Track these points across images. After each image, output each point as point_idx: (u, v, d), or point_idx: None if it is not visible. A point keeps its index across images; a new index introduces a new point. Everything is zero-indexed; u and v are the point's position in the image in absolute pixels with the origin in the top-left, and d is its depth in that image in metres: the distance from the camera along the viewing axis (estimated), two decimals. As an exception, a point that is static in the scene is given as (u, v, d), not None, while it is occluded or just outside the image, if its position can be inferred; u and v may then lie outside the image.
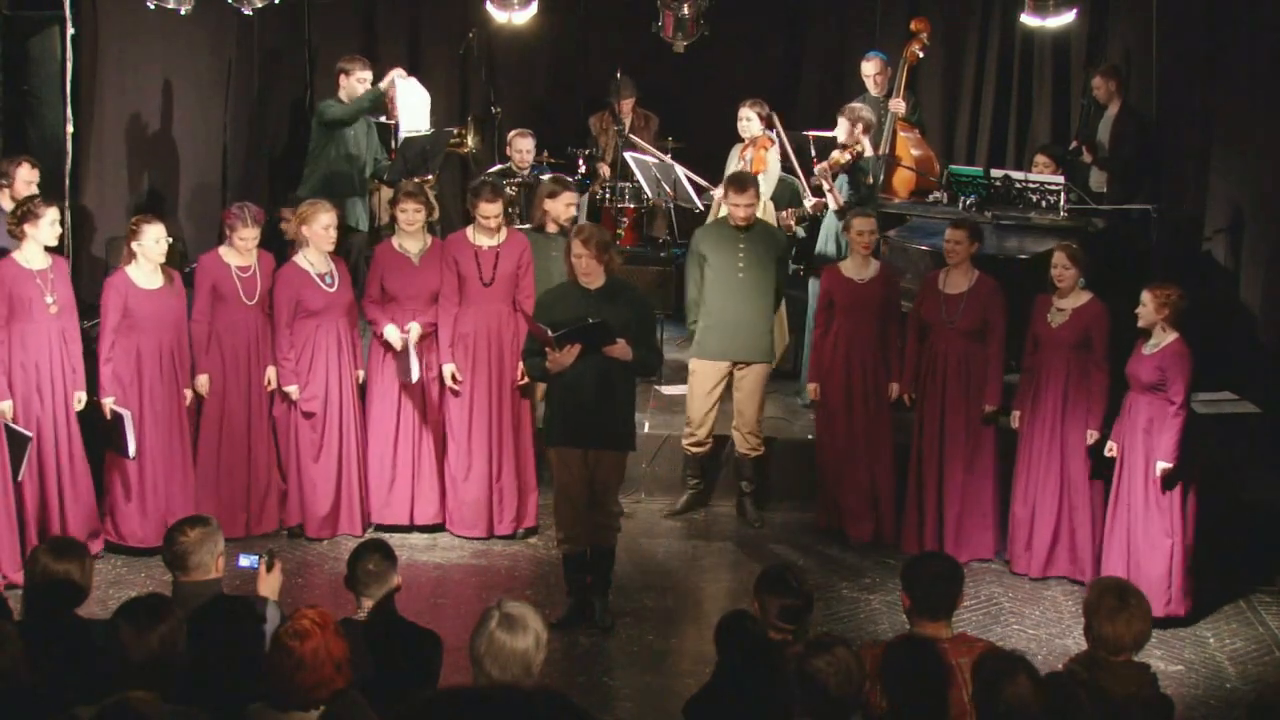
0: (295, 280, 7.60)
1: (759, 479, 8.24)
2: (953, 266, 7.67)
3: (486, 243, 7.70)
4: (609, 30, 11.22)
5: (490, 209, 7.61)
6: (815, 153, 9.24)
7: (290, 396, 7.65)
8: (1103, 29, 10.80)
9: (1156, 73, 9.73)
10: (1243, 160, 9.18)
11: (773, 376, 8.31)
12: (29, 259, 7.11)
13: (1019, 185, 9.00)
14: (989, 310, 7.60)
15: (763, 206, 8.50)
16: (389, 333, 7.67)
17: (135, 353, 7.32)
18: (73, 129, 8.87)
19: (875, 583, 7.48)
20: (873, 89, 9.85)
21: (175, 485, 7.50)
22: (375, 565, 4.80)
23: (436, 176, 10.13)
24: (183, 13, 8.63)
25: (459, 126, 10.96)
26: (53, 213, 7.16)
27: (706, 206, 9.71)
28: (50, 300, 7.13)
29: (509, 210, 8.68)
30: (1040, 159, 9.53)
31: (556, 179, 8.70)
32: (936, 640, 4.36)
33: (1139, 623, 4.37)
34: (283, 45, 11.24)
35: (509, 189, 9.47)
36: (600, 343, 6.55)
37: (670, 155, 9.90)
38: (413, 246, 7.79)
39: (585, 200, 9.89)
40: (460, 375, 7.71)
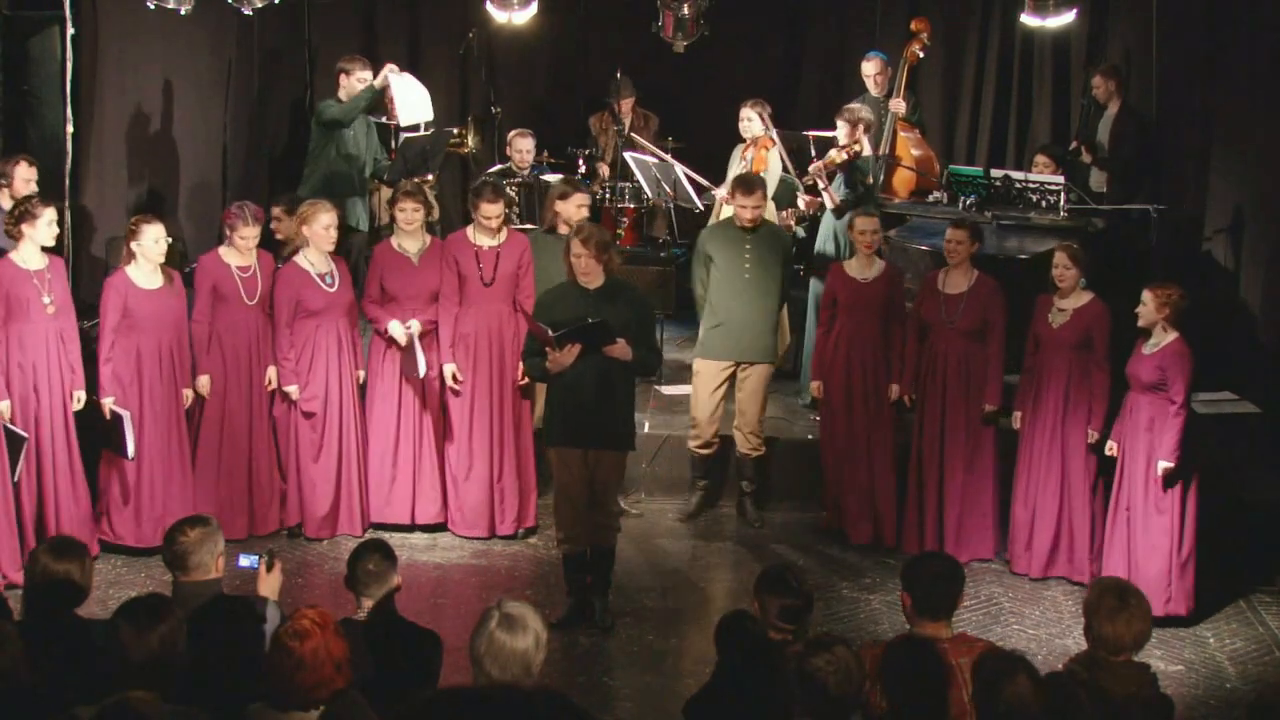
0: (295, 280, 7.59)
1: (760, 479, 8.24)
2: (953, 266, 7.67)
3: (487, 243, 7.70)
4: (609, 30, 11.23)
5: (492, 209, 7.61)
6: (815, 152, 9.24)
7: (290, 396, 7.65)
8: (1103, 29, 10.80)
9: (1156, 73, 9.74)
10: (1243, 160, 9.18)
11: (773, 376, 8.30)
12: (26, 259, 7.10)
13: (1019, 185, 9.01)
14: (989, 310, 7.60)
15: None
16: (393, 328, 7.66)
17: (135, 353, 7.32)
18: (73, 129, 8.88)
19: (875, 583, 7.48)
20: (873, 89, 9.85)
21: (173, 486, 7.49)
22: (375, 565, 4.80)
23: (436, 176, 10.14)
24: (183, 13, 8.63)
25: (459, 126, 10.97)
26: (50, 213, 7.15)
27: (707, 206, 9.71)
28: (48, 300, 7.12)
29: (508, 210, 8.67)
30: (1040, 159, 9.53)
31: (568, 180, 8.69)
32: (936, 640, 4.36)
33: (1139, 623, 4.37)
34: (283, 45, 11.24)
35: (509, 189, 9.47)
36: (600, 342, 6.55)
37: (670, 155, 9.89)
38: (412, 246, 7.79)
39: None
40: (461, 375, 7.72)
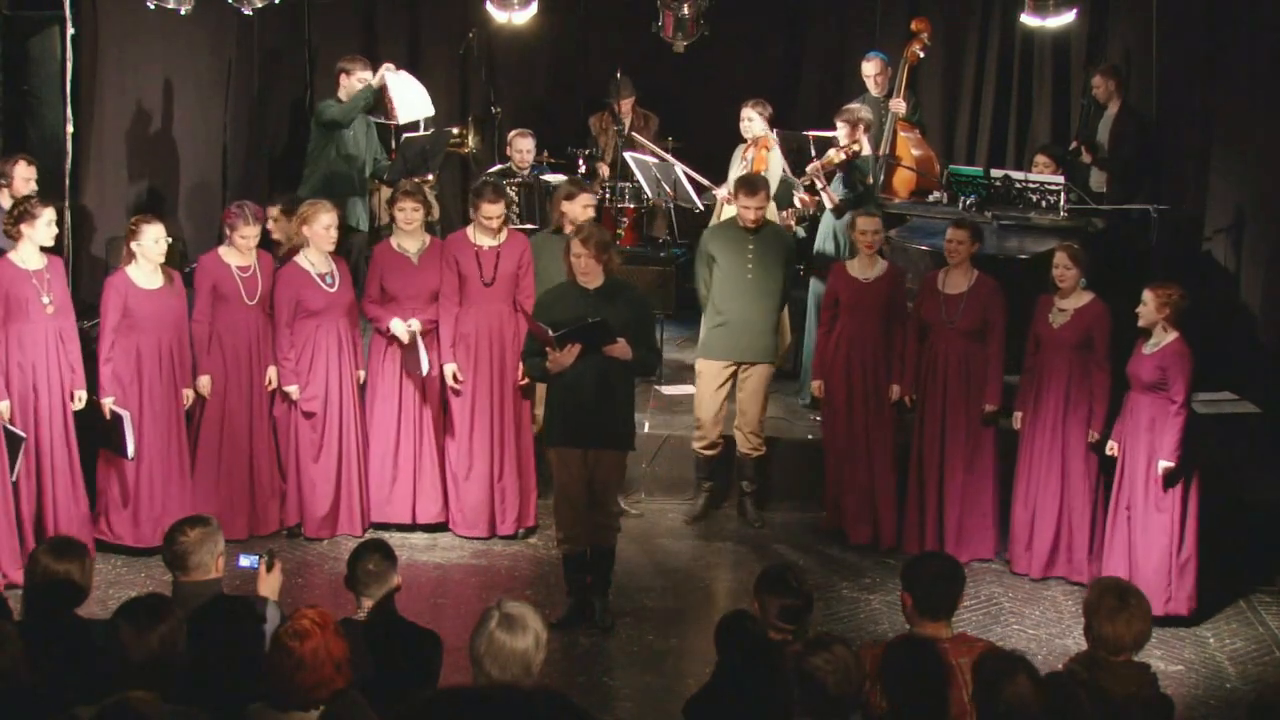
0: (296, 280, 7.59)
1: (760, 479, 8.24)
2: (953, 266, 7.67)
3: (487, 243, 7.70)
4: (609, 30, 11.22)
5: (493, 210, 7.61)
6: (815, 152, 9.24)
7: (290, 396, 7.65)
8: (1103, 29, 10.80)
9: (1156, 73, 9.73)
10: (1243, 160, 9.18)
11: (774, 376, 8.29)
12: (24, 259, 7.10)
13: (1019, 185, 9.01)
14: (989, 310, 7.60)
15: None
16: (395, 326, 7.65)
17: (135, 353, 7.32)
18: (73, 129, 8.88)
19: (875, 583, 7.48)
20: (873, 89, 9.85)
21: (172, 486, 7.48)
22: (375, 565, 4.80)
23: (437, 176, 10.14)
24: (183, 13, 8.63)
25: (459, 126, 10.97)
26: (50, 213, 7.15)
27: (707, 206, 9.70)
28: (46, 300, 7.12)
29: (509, 210, 8.67)
30: (1040, 159, 9.53)
31: (574, 180, 8.69)
32: (936, 640, 4.36)
33: (1139, 623, 4.37)
34: (283, 45, 11.24)
35: (509, 189, 9.47)
36: (600, 342, 6.55)
37: (671, 155, 9.88)
38: (411, 246, 7.79)
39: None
40: (461, 375, 7.72)
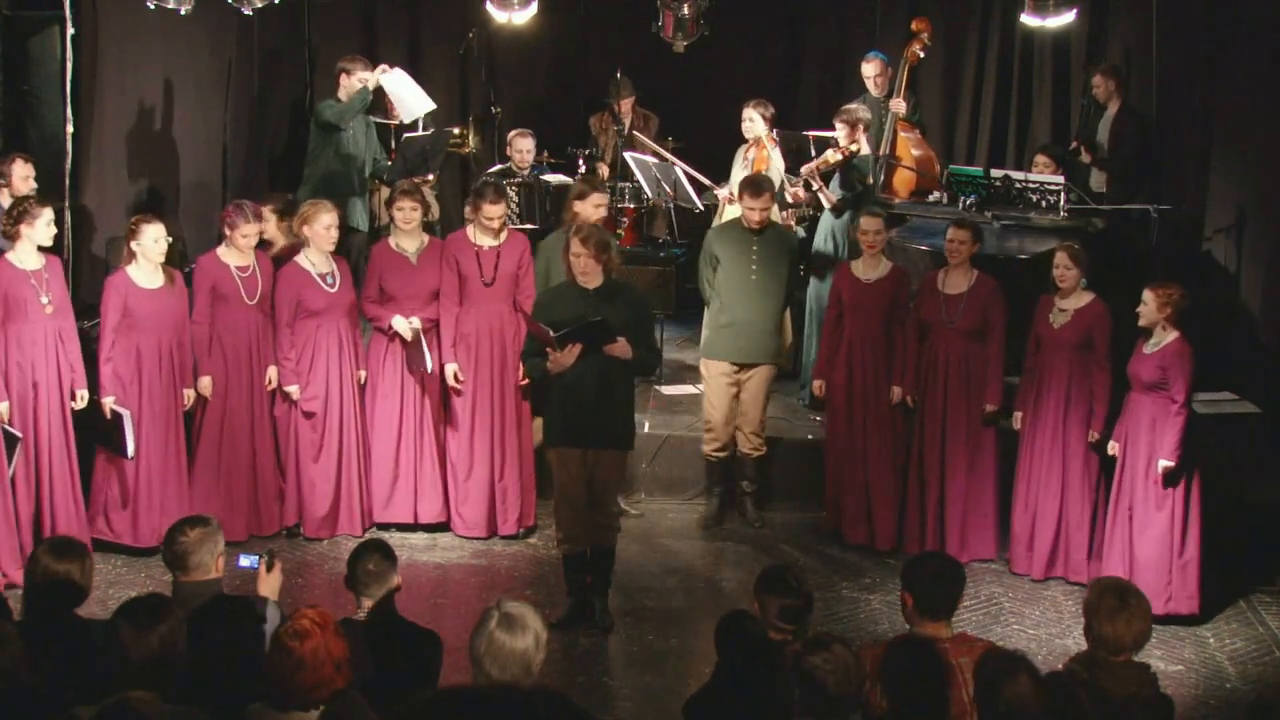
0: (296, 280, 7.59)
1: (760, 479, 8.24)
2: (953, 266, 7.67)
3: (488, 243, 7.69)
4: (609, 30, 11.21)
5: (494, 210, 7.61)
6: (815, 152, 9.23)
7: (291, 396, 7.65)
8: (1103, 29, 10.79)
9: (1156, 73, 9.73)
10: (1243, 160, 9.18)
11: (775, 377, 8.29)
12: (23, 259, 7.09)
13: (1019, 185, 9.01)
14: (989, 310, 7.59)
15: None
16: (397, 323, 7.65)
17: (135, 352, 7.31)
18: (73, 129, 8.87)
19: (875, 583, 7.48)
20: (873, 89, 9.85)
21: (170, 486, 7.49)
22: (375, 565, 4.80)
23: (437, 176, 10.13)
24: (183, 13, 8.63)
25: (460, 126, 10.96)
26: (48, 213, 7.16)
27: (707, 206, 9.70)
28: (45, 300, 7.12)
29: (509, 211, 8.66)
30: (1040, 159, 9.52)
31: (585, 180, 8.68)
32: (937, 640, 4.36)
33: (1139, 623, 4.37)
34: (283, 45, 11.24)
35: (509, 189, 9.46)
36: (601, 341, 6.54)
37: (672, 155, 9.88)
38: (410, 245, 7.78)
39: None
40: (462, 375, 7.71)
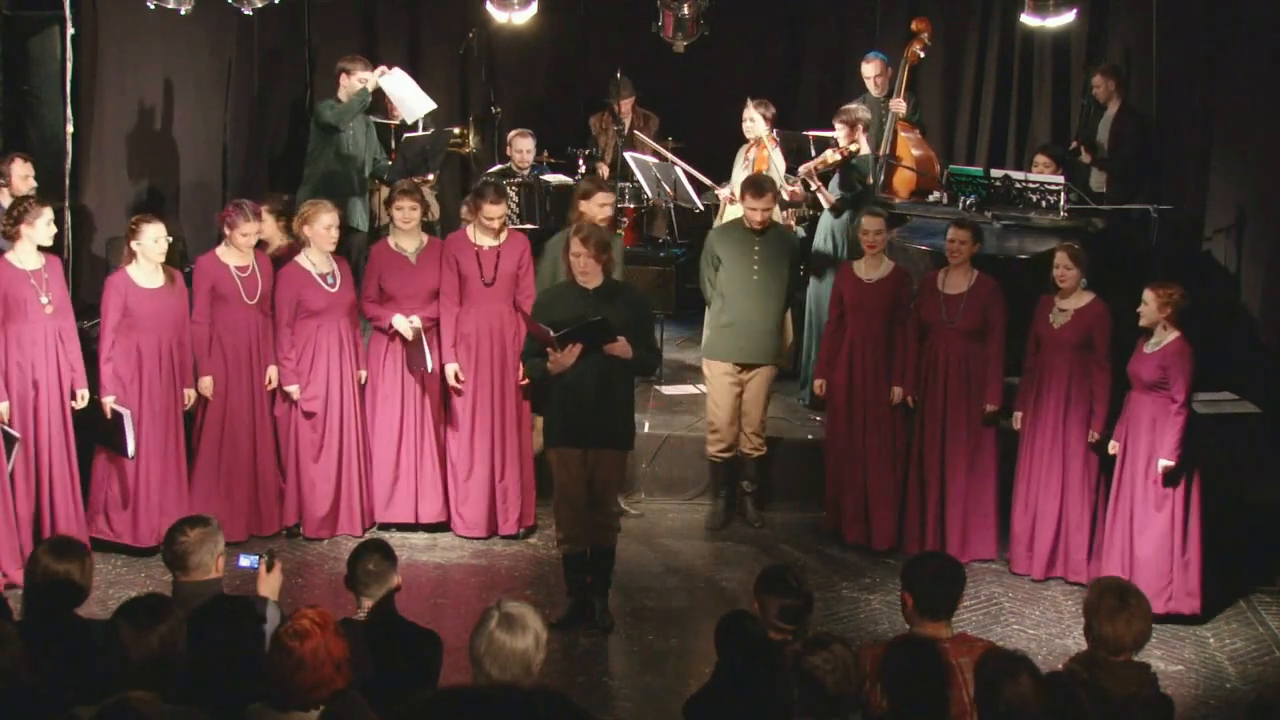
0: (297, 280, 7.59)
1: (760, 479, 8.23)
2: (953, 266, 7.66)
3: (488, 243, 7.69)
4: (609, 30, 11.21)
5: (494, 210, 7.60)
6: (815, 152, 9.23)
7: (291, 396, 7.65)
8: (1103, 29, 10.79)
9: (1156, 73, 9.73)
10: (1243, 160, 9.18)
11: (775, 377, 8.29)
12: (22, 259, 7.10)
13: (1019, 185, 9.00)
14: (989, 310, 7.59)
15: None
16: (398, 322, 7.65)
17: (135, 352, 7.32)
18: (73, 129, 8.88)
19: (875, 583, 7.48)
20: (873, 90, 9.84)
21: (170, 486, 7.49)
22: (375, 565, 4.80)
23: (437, 176, 10.13)
24: (183, 13, 8.63)
25: (460, 126, 10.96)
26: (49, 213, 7.16)
27: (707, 206, 9.70)
28: (45, 300, 7.12)
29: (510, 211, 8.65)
30: (1040, 159, 9.51)
31: (592, 179, 8.67)
32: (937, 640, 4.36)
33: (1139, 623, 4.37)
34: (283, 45, 11.24)
35: (509, 189, 9.46)
36: (601, 341, 6.54)
37: (673, 155, 9.87)
38: (409, 245, 7.78)
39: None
40: (463, 375, 7.71)
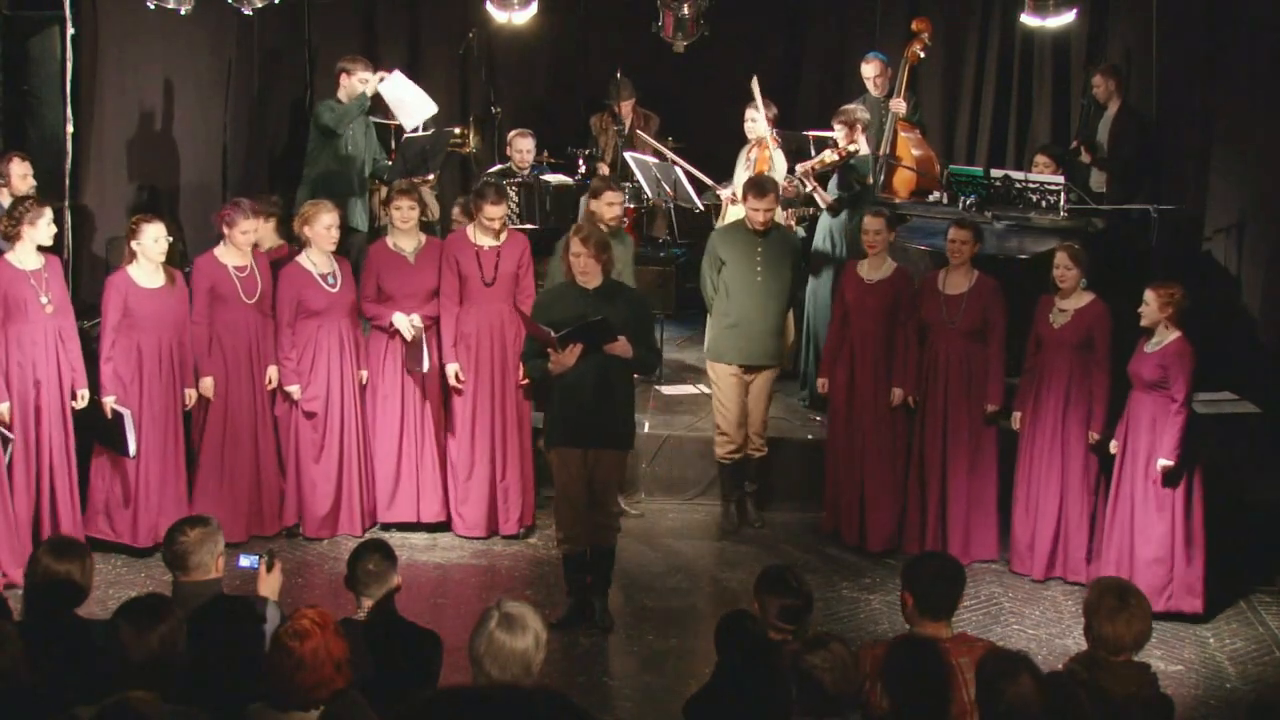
0: (297, 280, 7.59)
1: (760, 479, 8.23)
2: (954, 267, 7.66)
3: (488, 243, 7.69)
4: (609, 30, 11.22)
5: (495, 211, 7.60)
6: (814, 152, 9.23)
7: (292, 396, 7.65)
8: (1103, 29, 10.79)
9: (1156, 73, 9.73)
10: (1243, 160, 9.18)
11: (776, 377, 8.28)
12: (22, 259, 7.10)
13: (1019, 185, 9.00)
14: (989, 310, 7.59)
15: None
16: (399, 321, 7.65)
17: (135, 351, 7.31)
18: (73, 129, 8.88)
19: (875, 583, 7.48)
20: (873, 90, 9.84)
21: (169, 485, 7.49)
22: (375, 565, 4.80)
23: (437, 176, 10.13)
24: (183, 13, 8.63)
25: (460, 126, 10.95)
26: (49, 213, 7.18)
27: (707, 206, 9.69)
28: (45, 300, 7.12)
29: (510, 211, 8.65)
30: (1040, 159, 9.51)
31: (601, 178, 8.67)
32: (938, 640, 4.36)
33: (1139, 623, 4.37)
34: (283, 45, 11.23)
35: (509, 189, 9.46)
36: (602, 340, 6.54)
37: (673, 155, 9.87)
38: (407, 245, 7.78)
39: (585, 200, 9.86)
40: (463, 375, 7.71)
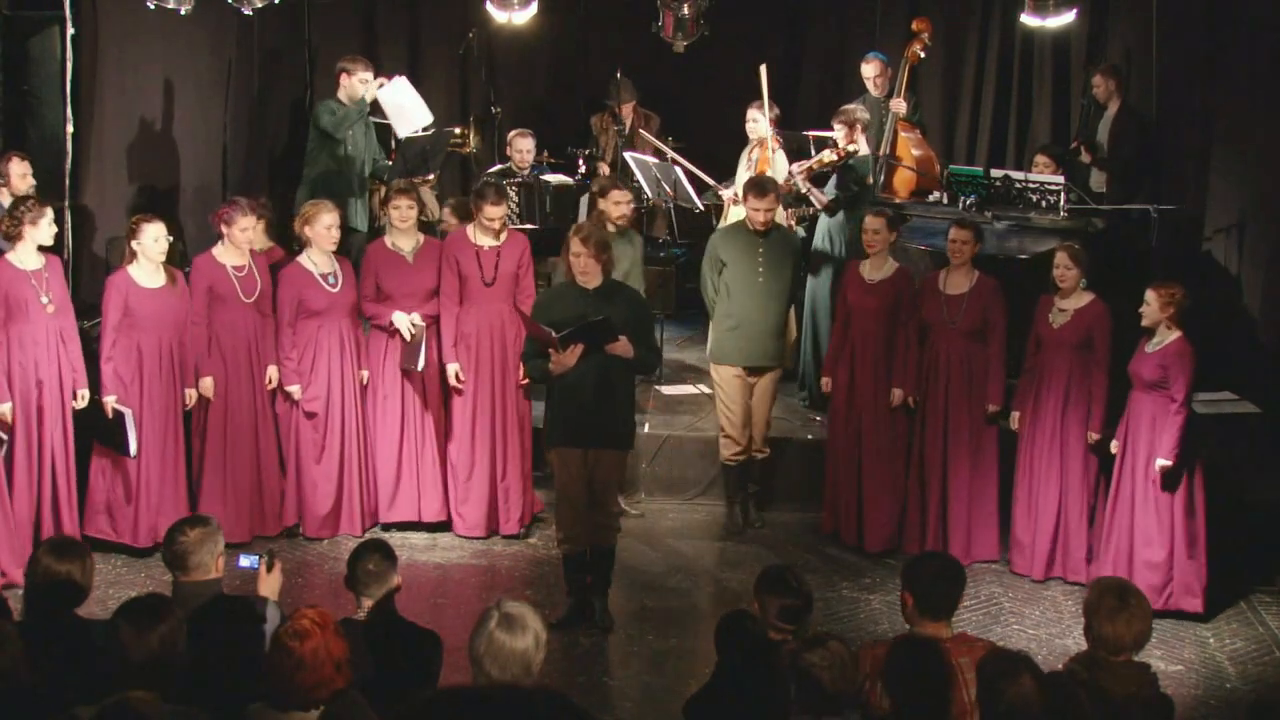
0: (298, 280, 7.59)
1: (762, 480, 8.22)
2: (954, 267, 7.66)
3: (488, 243, 7.69)
4: (609, 30, 11.22)
5: (495, 211, 7.60)
6: (814, 152, 9.23)
7: (293, 396, 7.65)
8: (1103, 29, 10.79)
9: (1156, 73, 9.73)
10: (1243, 160, 9.18)
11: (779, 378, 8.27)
12: (23, 260, 7.10)
13: (1019, 185, 9.00)
14: (990, 310, 7.59)
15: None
16: (398, 319, 7.65)
17: (135, 351, 7.32)
18: (73, 129, 8.89)
19: (875, 583, 7.48)
20: (873, 90, 9.84)
21: (169, 485, 7.49)
22: (375, 565, 4.80)
23: (437, 176, 10.13)
24: (183, 13, 8.63)
25: (460, 126, 10.96)
26: (50, 213, 7.18)
27: (707, 206, 9.69)
28: (46, 300, 7.12)
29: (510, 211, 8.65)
30: (1040, 159, 9.51)
31: (608, 177, 8.66)
32: (938, 640, 4.36)
33: (1139, 623, 4.37)
34: (283, 45, 11.23)
35: (509, 189, 9.46)
36: (603, 340, 6.54)
37: (673, 155, 9.87)
38: (406, 244, 7.78)
39: (585, 200, 9.87)
40: (463, 375, 7.71)
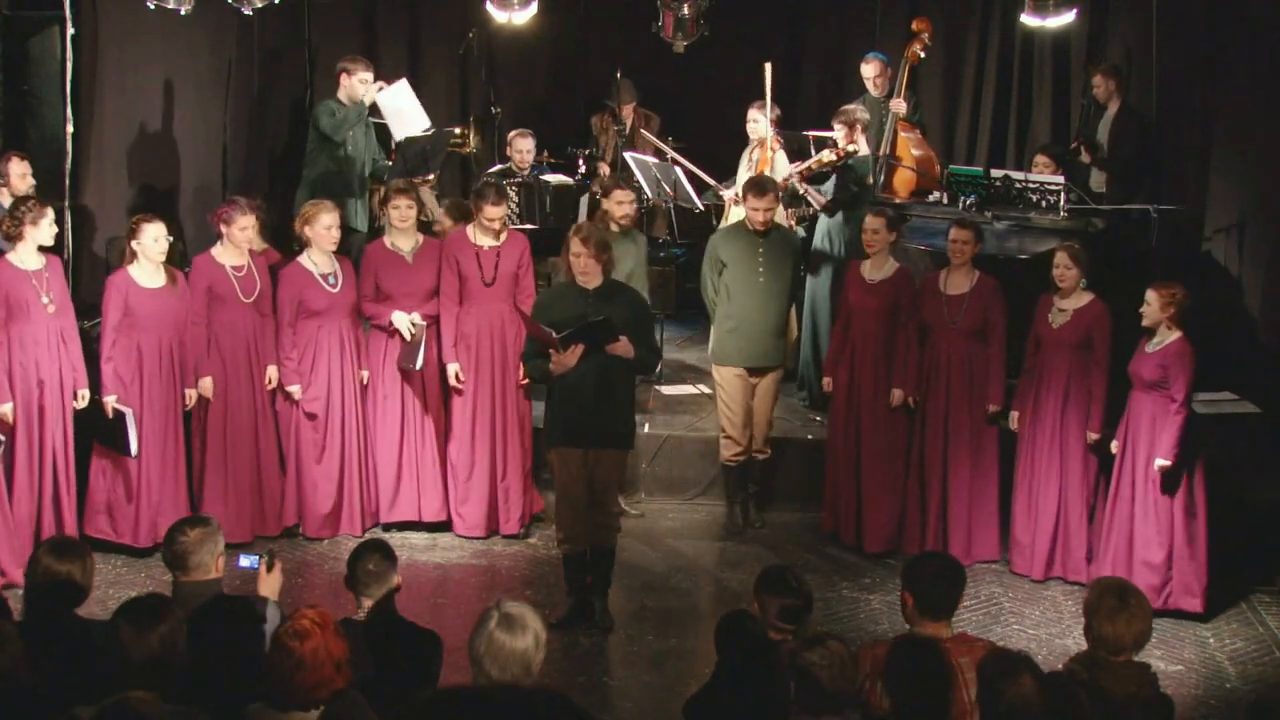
0: (298, 280, 7.59)
1: (762, 480, 8.22)
2: (954, 267, 7.66)
3: (488, 243, 7.69)
4: (609, 30, 11.22)
5: (495, 211, 7.60)
6: (814, 152, 9.23)
7: (293, 396, 7.65)
8: (1103, 29, 10.79)
9: (1156, 73, 9.72)
10: (1243, 160, 9.18)
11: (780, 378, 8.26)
12: (23, 260, 7.10)
13: (1019, 185, 9.00)
14: (990, 310, 7.59)
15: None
16: (398, 319, 7.65)
17: (136, 351, 7.32)
18: (73, 129, 8.89)
19: (875, 583, 7.48)
20: (873, 90, 9.84)
21: (169, 485, 7.49)
22: (375, 565, 4.80)
23: (437, 176, 10.13)
24: (183, 13, 8.64)
25: (460, 126, 10.96)
26: (51, 213, 7.18)
27: (707, 206, 9.69)
28: (46, 300, 7.12)
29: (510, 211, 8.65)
30: (1040, 159, 9.51)
31: (611, 177, 8.65)
32: (938, 640, 4.36)
33: (1139, 623, 4.37)
34: (283, 45, 11.24)
35: (509, 189, 9.46)
36: (604, 340, 6.54)
37: (674, 156, 9.87)
38: (405, 244, 7.78)
39: (585, 200, 9.88)
40: (463, 375, 7.71)
